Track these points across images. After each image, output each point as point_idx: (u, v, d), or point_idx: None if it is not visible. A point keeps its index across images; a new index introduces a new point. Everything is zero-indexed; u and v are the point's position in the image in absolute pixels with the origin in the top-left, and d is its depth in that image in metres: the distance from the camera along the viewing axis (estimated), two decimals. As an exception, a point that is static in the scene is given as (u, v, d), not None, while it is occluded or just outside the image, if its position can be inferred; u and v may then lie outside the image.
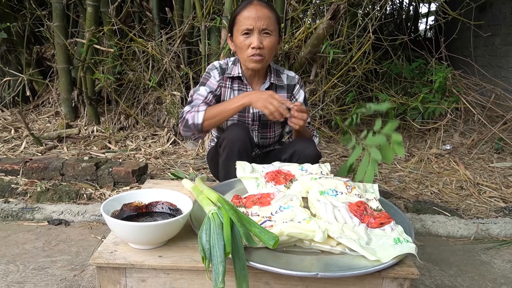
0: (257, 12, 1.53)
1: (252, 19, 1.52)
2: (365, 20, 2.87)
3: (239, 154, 1.50)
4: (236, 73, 1.66)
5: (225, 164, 1.54)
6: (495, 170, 2.64)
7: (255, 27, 1.52)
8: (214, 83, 1.66)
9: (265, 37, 1.55)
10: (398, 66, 3.64)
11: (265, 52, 1.56)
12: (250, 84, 1.69)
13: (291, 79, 1.75)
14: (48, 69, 3.41)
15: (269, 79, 1.69)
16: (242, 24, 1.54)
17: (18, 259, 1.52)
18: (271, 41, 1.56)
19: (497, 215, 2.02)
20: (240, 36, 1.56)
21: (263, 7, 1.55)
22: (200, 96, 1.63)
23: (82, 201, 1.99)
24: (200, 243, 0.89)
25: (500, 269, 1.60)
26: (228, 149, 1.53)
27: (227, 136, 1.54)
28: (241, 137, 1.52)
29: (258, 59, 1.56)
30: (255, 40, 1.53)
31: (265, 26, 1.53)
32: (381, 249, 0.97)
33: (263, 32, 1.54)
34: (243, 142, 1.52)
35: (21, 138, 2.81)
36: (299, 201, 1.13)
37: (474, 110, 3.20)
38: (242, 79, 1.67)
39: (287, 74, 1.76)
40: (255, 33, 1.54)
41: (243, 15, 1.55)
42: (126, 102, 3.16)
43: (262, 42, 1.54)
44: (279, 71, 1.75)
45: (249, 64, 1.60)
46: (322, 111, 3.06)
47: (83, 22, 3.01)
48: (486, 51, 5.08)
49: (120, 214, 1.07)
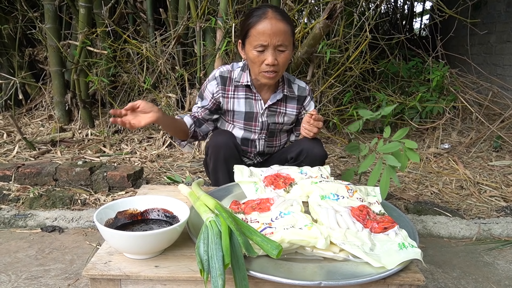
0: (272, 27, 1.42)
1: (267, 36, 1.43)
2: (361, 20, 2.84)
3: (225, 160, 1.48)
4: (245, 81, 1.59)
5: (213, 172, 1.53)
6: (494, 168, 2.62)
7: (270, 43, 1.44)
8: (209, 96, 1.63)
9: (280, 53, 1.47)
10: (395, 65, 3.62)
11: (279, 68, 1.50)
12: (259, 92, 1.63)
13: (302, 90, 1.69)
14: (41, 71, 3.36)
15: (282, 90, 1.63)
16: (256, 39, 1.45)
17: (10, 268, 1.47)
18: (286, 56, 1.49)
19: (498, 214, 2.00)
20: (253, 50, 1.47)
21: (278, 21, 1.43)
22: (195, 109, 1.66)
23: (76, 207, 1.94)
24: (198, 254, 0.86)
25: (504, 270, 1.57)
26: (214, 157, 1.51)
27: (211, 144, 1.52)
28: (225, 143, 1.49)
29: (272, 76, 1.50)
30: (270, 57, 1.45)
31: (281, 42, 1.44)
32: (386, 255, 0.94)
33: (278, 47, 1.46)
34: (228, 148, 1.49)
35: (13, 142, 2.76)
36: (300, 206, 1.09)
37: (472, 109, 3.18)
38: (251, 87, 1.61)
39: (298, 84, 1.70)
40: (269, 49, 1.45)
41: (257, 29, 1.44)
42: (121, 105, 3.12)
43: (276, 59, 1.46)
44: (290, 80, 1.69)
45: (262, 80, 1.54)
46: (319, 112, 3.03)
47: (76, 23, 2.96)
48: (482, 49, 5.08)
49: (114, 223, 1.03)
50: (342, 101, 3.13)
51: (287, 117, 1.68)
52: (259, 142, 1.69)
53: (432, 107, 3.14)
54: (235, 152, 1.52)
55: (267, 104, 1.63)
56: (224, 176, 1.52)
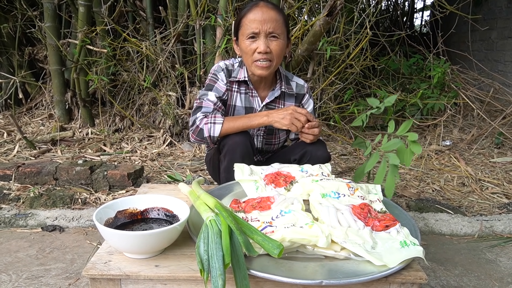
0: (263, 14, 1.44)
1: (258, 22, 1.44)
2: (361, 16, 2.83)
3: (241, 159, 1.45)
4: (242, 77, 1.58)
5: (227, 170, 1.49)
6: (496, 165, 2.61)
7: (261, 30, 1.44)
8: (222, 86, 1.58)
9: (272, 40, 1.47)
10: (396, 62, 3.60)
11: (272, 57, 1.48)
12: (256, 89, 1.62)
13: (300, 88, 1.68)
14: (41, 70, 3.35)
15: (280, 87, 1.62)
16: (248, 28, 1.46)
17: (10, 268, 1.47)
18: (279, 45, 1.48)
19: (500, 211, 1.99)
20: (245, 40, 1.48)
21: (269, 9, 1.46)
22: (210, 102, 1.54)
23: (77, 206, 1.94)
24: (198, 254, 0.85)
25: (506, 268, 1.57)
26: (230, 155, 1.48)
27: (228, 142, 1.48)
28: (242, 142, 1.47)
29: (265, 65, 1.48)
30: (262, 44, 1.45)
31: (272, 29, 1.45)
32: (388, 253, 0.93)
33: (270, 35, 1.46)
34: (245, 146, 1.47)
35: (13, 141, 2.75)
36: (301, 204, 1.09)
37: (473, 105, 3.17)
38: (248, 83, 1.60)
39: (297, 82, 1.69)
40: (261, 37, 1.45)
41: (249, 18, 1.46)
42: (121, 104, 3.11)
43: (269, 46, 1.46)
44: (288, 78, 1.68)
45: (255, 71, 1.52)
46: (320, 109, 3.02)
47: (76, 22, 2.95)
48: (483, 45, 5.06)
49: (114, 222, 1.02)
50: (342, 98, 3.12)
51: None
52: (257, 139, 1.68)
53: (433, 104, 3.12)
54: (250, 152, 1.50)
55: (265, 101, 1.62)
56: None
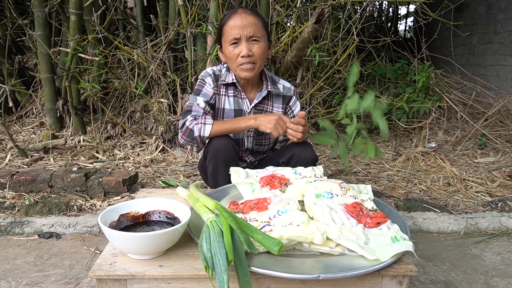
0: (242, 20, 1.52)
1: (238, 28, 1.52)
2: (348, 23, 2.92)
3: (225, 163, 1.51)
4: (230, 80, 1.65)
5: (213, 175, 1.56)
6: (479, 165, 2.71)
7: (242, 35, 1.52)
8: (210, 90, 1.65)
9: (253, 44, 1.55)
10: (382, 67, 3.71)
11: (256, 59, 1.56)
12: (244, 91, 1.69)
13: (287, 90, 1.75)
14: (31, 79, 3.35)
15: (266, 87, 1.68)
16: (229, 34, 1.54)
17: (9, 275, 1.48)
18: (260, 48, 1.56)
19: (484, 209, 2.08)
20: (228, 46, 1.56)
21: (248, 14, 1.54)
22: (199, 107, 1.61)
23: (73, 212, 1.96)
24: (201, 252, 0.89)
25: (491, 262, 1.64)
26: (214, 160, 1.54)
27: (211, 147, 1.55)
28: (225, 146, 1.53)
29: (250, 67, 1.56)
30: (244, 49, 1.53)
31: (252, 33, 1.53)
32: (380, 248, 0.99)
33: (251, 39, 1.54)
34: (228, 151, 1.53)
35: (5, 150, 2.75)
36: (296, 204, 1.14)
37: (457, 108, 3.28)
38: (236, 85, 1.67)
39: (283, 84, 1.76)
40: (243, 42, 1.53)
41: (229, 25, 1.55)
42: (113, 111, 3.13)
43: (251, 50, 1.54)
44: (274, 79, 1.74)
45: (240, 74, 1.59)
46: (309, 114, 3.09)
47: (66, 30, 2.97)
48: (465, 50, 5.22)
49: (117, 225, 1.06)
50: (331, 103, 3.20)
51: None
52: (248, 140, 1.73)
53: (419, 107, 3.22)
54: (234, 155, 1.55)
55: (253, 103, 1.68)
56: (224, 179, 1.55)
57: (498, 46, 4.60)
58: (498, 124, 3.40)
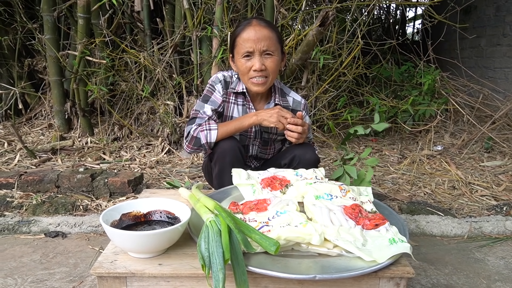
0: (256, 33, 1.48)
1: (252, 41, 1.48)
2: (354, 26, 2.92)
3: (231, 165, 1.51)
4: (240, 89, 1.62)
5: (218, 176, 1.55)
6: (485, 169, 2.69)
7: (256, 49, 1.49)
8: (219, 98, 1.62)
9: (266, 58, 1.51)
10: (388, 70, 3.70)
11: (268, 73, 1.53)
12: (252, 102, 1.66)
13: (297, 104, 1.71)
14: (40, 81, 3.41)
15: (274, 100, 1.66)
16: (242, 47, 1.50)
17: (16, 273, 1.51)
18: (274, 62, 1.52)
19: (489, 213, 2.06)
20: (241, 59, 1.52)
21: (262, 27, 1.50)
22: (205, 115, 1.59)
23: (79, 212, 1.99)
24: (199, 251, 0.91)
25: (494, 266, 1.63)
26: (220, 162, 1.54)
27: (217, 150, 1.54)
28: (231, 148, 1.53)
29: (261, 82, 1.53)
30: (257, 63, 1.49)
31: (266, 47, 1.49)
32: (377, 249, 0.99)
33: (264, 53, 1.50)
34: (234, 152, 1.53)
35: (14, 151, 2.80)
36: (295, 205, 1.15)
37: (463, 111, 3.26)
38: (246, 95, 1.64)
39: (293, 97, 1.72)
40: (256, 55, 1.50)
41: (243, 37, 1.50)
42: (120, 113, 3.17)
43: (264, 64, 1.50)
44: (284, 91, 1.71)
45: (252, 88, 1.57)
46: (314, 117, 3.10)
47: (75, 34, 3.02)
48: (473, 52, 5.18)
49: (119, 224, 1.08)
50: (336, 105, 3.20)
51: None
52: (253, 148, 1.74)
53: (425, 110, 3.21)
54: (240, 157, 1.55)
55: None
56: (230, 180, 1.53)
57: (507, 49, 4.56)
58: (505, 128, 3.37)
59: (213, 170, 1.59)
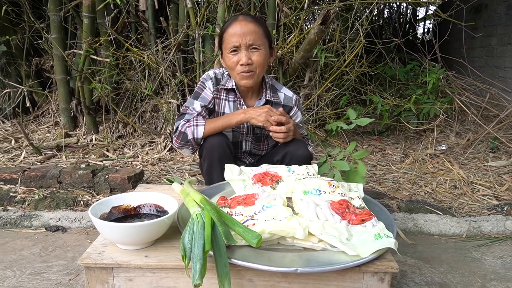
0: (242, 28, 1.50)
1: (237, 36, 1.50)
2: (355, 25, 2.91)
3: (219, 161, 1.53)
4: (230, 86, 1.65)
5: (208, 172, 1.58)
6: (489, 169, 2.66)
7: (242, 43, 1.51)
8: (209, 94, 1.65)
9: (253, 52, 1.53)
10: (393, 69, 3.67)
11: (255, 67, 1.55)
12: (243, 98, 1.68)
13: (288, 100, 1.72)
14: (47, 80, 3.47)
15: (265, 96, 1.66)
16: (229, 42, 1.53)
17: (15, 265, 1.55)
18: (260, 56, 1.54)
19: (489, 212, 2.04)
20: (228, 54, 1.55)
21: (248, 22, 1.52)
22: (194, 111, 1.63)
23: (79, 208, 2.03)
24: (182, 243, 0.92)
25: (490, 265, 1.61)
26: (209, 158, 1.56)
27: (205, 146, 1.57)
28: (219, 144, 1.55)
29: (248, 75, 1.55)
30: (243, 57, 1.51)
31: (252, 41, 1.51)
32: (361, 244, 1.00)
33: (250, 47, 1.52)
34: (222, 148, 1.55)
35: (21, 148, 2.86)
36: (283, 200, 1.16)
37: (469, 110, 3.22)
38: (236, 92, 1.66)
39: (285, 93, 1.72)
40: (242, 50, 1.52)
41: (229, 32, 1.53)
42: (124, 111, 3.21)
43: (250, 58, 1.52)
44: (275, 88, 1.72)
45: (240, 81, 1.59)
46: (316, 115, 3.09)
47: (81, 33, 3.07)
48: (483, 51, 5.10)
49: (108, 217, 1.10)
50: (339, 104, 3.19)
51: None
52: (246, 144, 1.75)
53: (429, 109, 3.18)
54: (228, 152, 1.57)
55: None
56: (218, 176, 1.57)
57: (518, 48, 4.48)
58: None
59: (203, 167, 1.61)
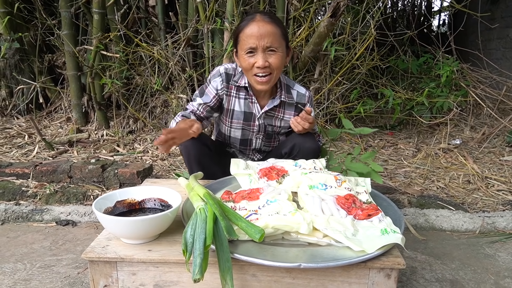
0: (259, 29, 1.43)
1: (255, 38, 1.43)
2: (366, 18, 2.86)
3: (196, 160, 1.53)
4: (242, 83, 1.60)
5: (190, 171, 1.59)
6: (505, 163, 2.58)
7: (259, 45, 1.44)
8: (212, 93, 1.61)
9: (270, 54, 1.46)
10: (405, 62, 3.60)
11: (272, 70, 1.48)
12: (256, 96, 1.63)
13: (301, 97, 1.66)
14: (60, 76, 3.51)
15: (280, 96, 1.62)
16: (245, 43, 1.46)
17: (25, 258, 1.58)
18: (277, 58, 1.47)
19: (504, 208, 1.98)
20: (244, 55, 1.48)
21: (266, 23, 1.44)
22: (191, 107, 1.63)
23: (89, 202, 2.05)
24: (184, 237, 0.92)
25: (504, 262, 1.57)
26: (186, 158, 1.58)
27: (181, 147, 1.57)
28: (192, 145, 1.54)
29: (265, 80, 1.49)
30: (260, 59, 1.45)
31: (270, 43, 1.44)
32: (367, 239, 0.98)
33: (267, 50, 1.45)
34: (195, 148, 1.54)
35: (33, 143, 2.91)
36: (288, 195, 1.14)
37: (484, 104, 3.13)
38: (248, 90, 1.61)
39: (298, 90, 1.67)
40: (259, 52, 1.45)
41: (246, 33, 1.45)
42: (134, 106, 3.23)
43: (267, 60, 1.46)
44: (289, 86, 1.67)
45: (255, 86, 1.53)
46: (327, 109, 3.05)
47: (91, 29, 3.09)
48: (500, 43, 4.96)
49: (113, 211, 1.11)
50: (349, 98, 3.14)
51: (284, 121, 1.68)
52: (256, 141, 1.73)
53: (443, 103, 3.11)
54: (204, 150, 1.56)
55: (263, 109, 1.63)
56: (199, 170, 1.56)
57: (536, 39, 4.34)
58: (530, 121, 3.22)
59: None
